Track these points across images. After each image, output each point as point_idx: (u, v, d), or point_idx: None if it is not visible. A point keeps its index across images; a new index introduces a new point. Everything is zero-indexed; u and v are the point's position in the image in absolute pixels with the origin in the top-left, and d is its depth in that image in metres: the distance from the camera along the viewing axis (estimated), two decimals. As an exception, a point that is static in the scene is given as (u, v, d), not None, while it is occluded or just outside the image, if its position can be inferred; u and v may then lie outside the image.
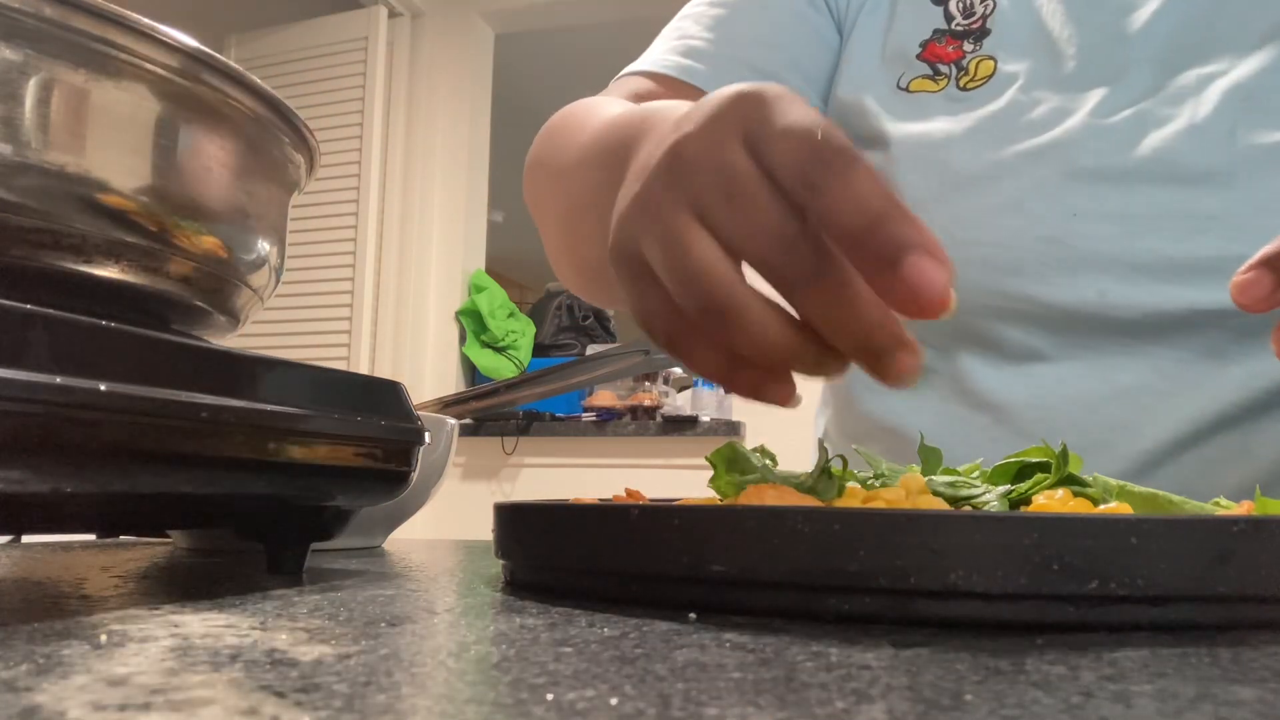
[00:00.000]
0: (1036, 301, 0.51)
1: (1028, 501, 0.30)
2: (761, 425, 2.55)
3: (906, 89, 0.57)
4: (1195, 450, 0.49)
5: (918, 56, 0.58)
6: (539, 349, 2.98)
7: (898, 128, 0.56)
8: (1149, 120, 0.50)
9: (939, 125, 0.55)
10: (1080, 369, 0.51)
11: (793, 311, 0.25)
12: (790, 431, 2.48)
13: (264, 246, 0.38)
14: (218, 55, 0.33)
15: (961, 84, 0.56)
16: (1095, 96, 0.52)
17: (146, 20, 0.30)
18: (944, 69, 0.57)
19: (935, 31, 0.58)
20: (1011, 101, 0.54)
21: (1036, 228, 0.51)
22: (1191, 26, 0.52)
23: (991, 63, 0.56)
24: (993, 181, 0.52)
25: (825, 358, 0.26)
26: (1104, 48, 0.53)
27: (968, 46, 0.57)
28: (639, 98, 0.59)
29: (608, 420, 2.69)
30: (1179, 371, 0.49)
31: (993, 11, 0.57)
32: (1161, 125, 0.50)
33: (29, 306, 0.23)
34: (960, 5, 0.59)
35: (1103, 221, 0.50)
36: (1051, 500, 0.30)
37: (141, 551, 0.48)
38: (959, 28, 0.58)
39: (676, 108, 0.33)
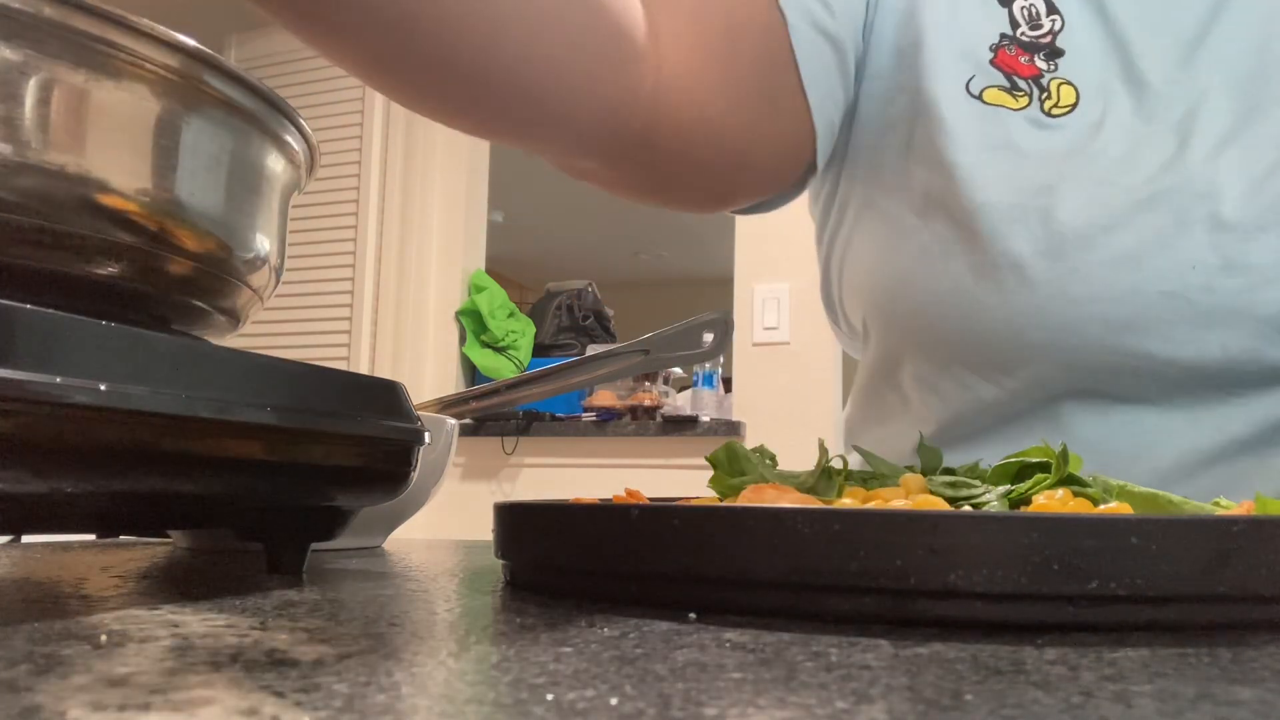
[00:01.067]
0: (1157, 358, 0.48)
1: (1028, 501, 0.30)
2: (761, 425, 2.55)
3: (979, 97, 0.53)
4: None
5: (990, 62, 0.54)
6: (539, 349, 2.98)
7: (985, 172, 0.51)
8: (1256, 164, 0.48)
9: (1032, 164, 0.51)
10: (1191, 421, 0.49)
11: None
12: (790, 431, 2.49)
13: (264, 246, 0.38)
14: (218, 55, 0.33)
15: (1046, 108, 0.52)
16: (1191, 135, 0.49)
17: (146, 20, 0.31)
18: (1022, 84, 0.53)
19: (1003, 36, 0.54)
20: (1109, 140, 0.50)
21: (1156, 282, 0.48)
22: (1256, 46, 0.50)
23: (1073, 90, 0.52)
24: (1105, 233, 0.49)
25: None
26: (1179, 74, 0.51)
27: (1040, 63, 0.53)
28: None
29: (608, 420, 2.69)
30: None
31: (1062, 30, 0.54)
32: (1272, 171, 0.48)
33: (29, 306, 0.23)
34: (1025, 13, 0.55)
35: (1223, 274, 0.47)
36: (1051, 500, 0.30)
37: (141, 551, 0.48)
38: (1025, 38, 0.54)
39: None
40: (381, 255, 2.86)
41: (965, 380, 0.54)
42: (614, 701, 0.15)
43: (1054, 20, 0.54)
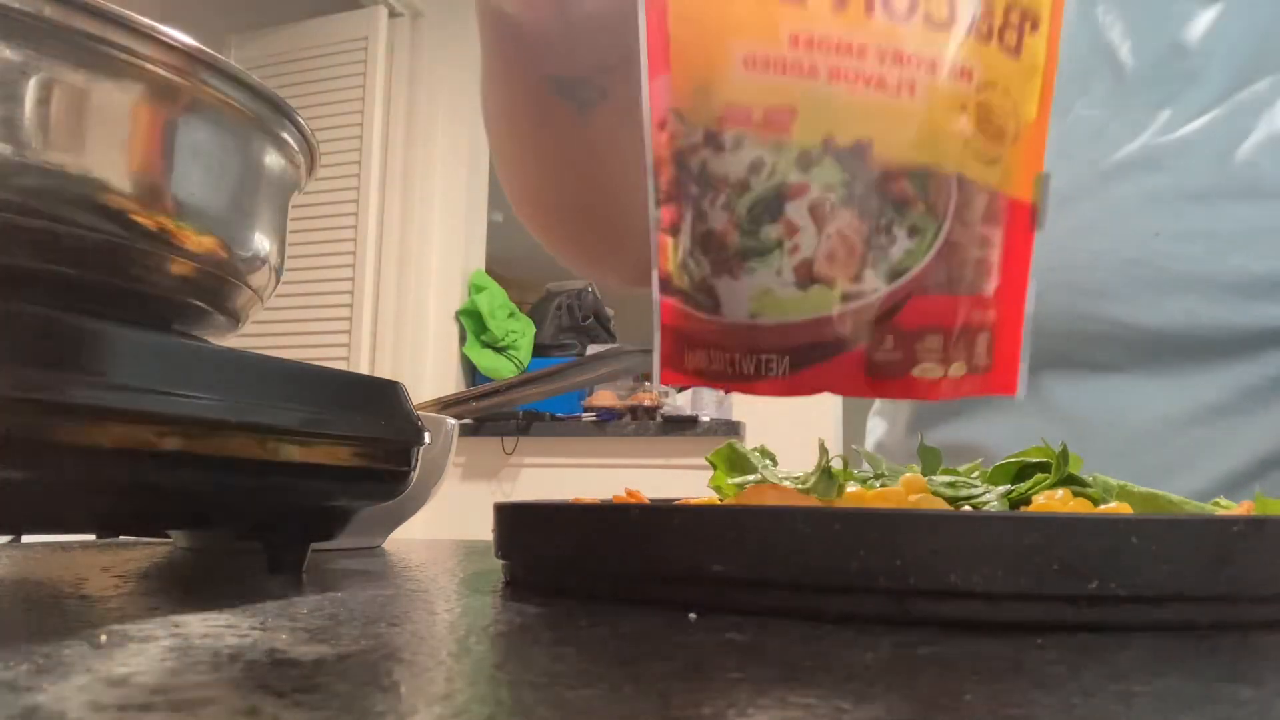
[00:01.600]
0: (1122, 324, 0.50)
1: (1028, 501, 0.30)
2: (761, 425, 2.55)
3: None
4: None
5: None
6: (539, 349, 2.98)
7: None
8: (1227, 134, 0.49)
9: None
10: (1164, 387, 0.50)
11: None
12: (790, 431, 2.48)
13: (264, 246, 0.38)
14: (218, 55, 0.33)
15: None
16: (1166, 110, 0.51)
17: (146, 20, 0.30)
18: None
19: None
20: (1080, 119, 0.52)
21: (1120, 249, 0.49)
22: (1257, 32, 0.51)
23: None
24: (1071, 203, 0.51)
25: None
26: (1168, 59, 0.52)
27: None
28: None
29: (608, 420, 2.69)
30: (1267, 389, 0.48)
31: None
32: (1240, 139, 0.49)
33: (30, 306, 0.23)
34: None
35: (1187, 241, 0.48)
36: (1051, 500, 0.30)
37: (141, 551, 0.48)
38: None
39: None
40: (381, 255, 2.86)
41: None
42: (614, 702, 0.15)
43: None
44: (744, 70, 0.20)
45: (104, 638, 0.20)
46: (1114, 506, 0.28)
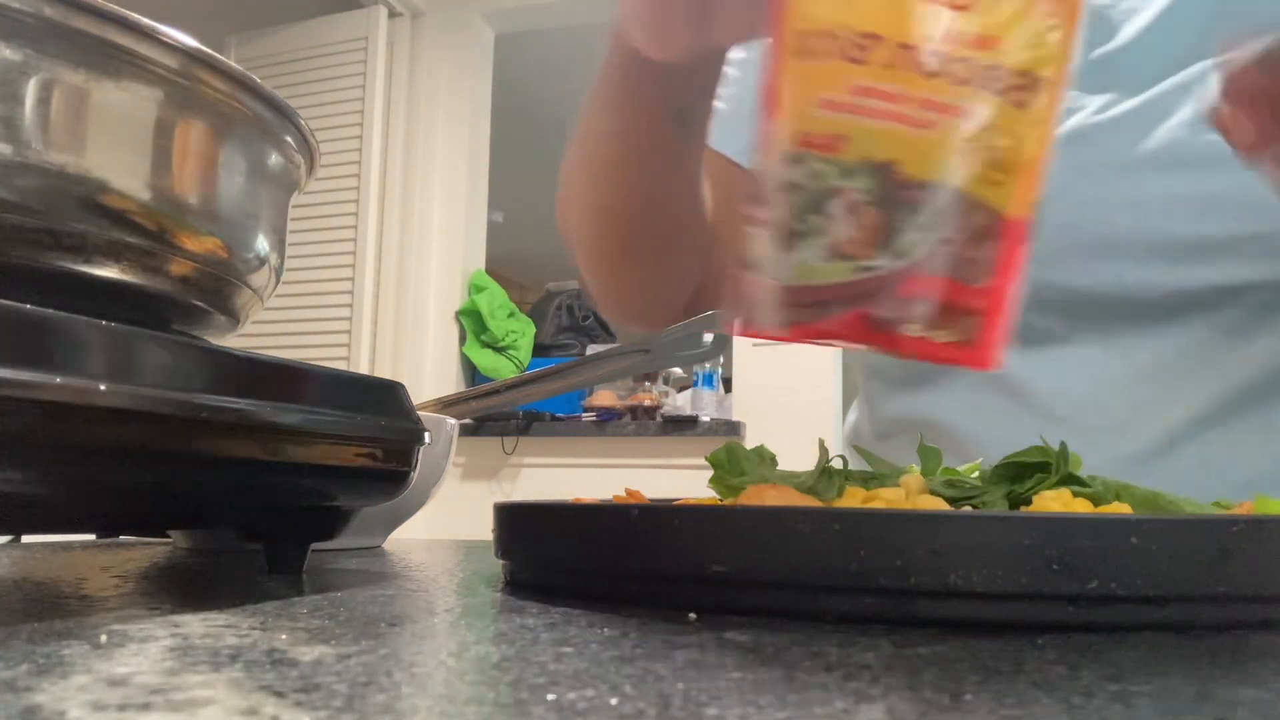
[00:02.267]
0: (1055, 287, 0.52)
1: (1028, 501, 0.30)
2: (761, 425, 2.55)
3: None
4: (1218, 428, 0.50)
5: None
6: (539, 349, 2.98)
7: None
8: (1155, 113, 0.51)
9: None
10: (1101, 351, 0.52)
11: None
12: (790, 431, 2.48)
13: (264, 246, 0.38)
14: (218, 55, 0.33)
15: None
16: (1104, 96, 0.53)
17: (146, 20, 0.30)
18: None
19: None
20: None
21: (1050, 216, 0.51)
22: (1197, 26, 0.53)
23: None
24: None
25: None
26: (1111, 53, 0.54)
27: None
28: None
29: (608, 420, 2.69)
30: (1199, 350, 0.50)
31: None
32: (1167, 117, 0.51)
33: (29, 306, 0.23)
34: None
35: (1115, 208, 0.51)
36: (1051, 500, 0.30)
37: (141, 551, 0.48)
38: None
39: None
40: (381, 255, 2.86)
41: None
42: (614, 701, 0.15)
43: None
44: (820, 109, 0.28)
45: (104, 638, 0.20)
46: (1114, 506, 0.28)
